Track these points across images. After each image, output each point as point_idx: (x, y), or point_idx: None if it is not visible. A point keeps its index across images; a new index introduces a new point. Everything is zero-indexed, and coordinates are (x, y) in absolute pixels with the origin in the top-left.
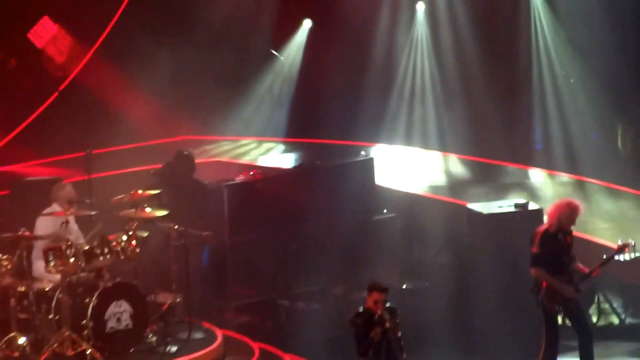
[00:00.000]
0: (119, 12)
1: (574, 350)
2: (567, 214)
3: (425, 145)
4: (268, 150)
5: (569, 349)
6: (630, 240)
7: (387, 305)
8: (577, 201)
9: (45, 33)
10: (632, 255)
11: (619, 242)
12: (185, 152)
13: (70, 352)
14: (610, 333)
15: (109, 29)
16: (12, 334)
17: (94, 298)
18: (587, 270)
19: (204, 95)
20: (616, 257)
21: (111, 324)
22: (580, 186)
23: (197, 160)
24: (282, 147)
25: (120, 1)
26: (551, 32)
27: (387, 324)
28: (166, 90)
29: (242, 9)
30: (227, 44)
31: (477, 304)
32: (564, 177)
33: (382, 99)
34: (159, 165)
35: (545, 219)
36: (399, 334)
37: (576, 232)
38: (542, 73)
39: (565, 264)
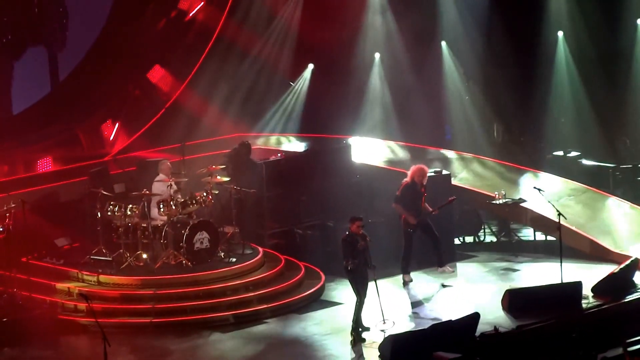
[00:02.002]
0: (200, 62)
1: (473, 258)
2: (418, 173)
3: (382, 136)
4: (289, 141)
5: (465, 257)
6: (502, 191)
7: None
8: (425, 166)
9: (157, 74)
10: (503, 201)
11: (495, 193)
12: (246, 142)
13: (173, 262)
14: (491, 246)
15: (194, 71)
16: (138, 252)
17: (186, 230)
18: (431, 209)
19: (251, 109)
20: (496, 202)
21: (197, 245)
22: (471, 160)
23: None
24: (297, 139)
25: (201, 54)
26: (455, 67)
27: (368, 239)
28: (229, 106)
29: (274, 59)
30: (263, 76)
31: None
32: (464, 154)
33: (354, 110)
34: (227, 151)
35: (409, 176)
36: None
37: (468, 185)
38: (451, 92)
39: (417, 205)
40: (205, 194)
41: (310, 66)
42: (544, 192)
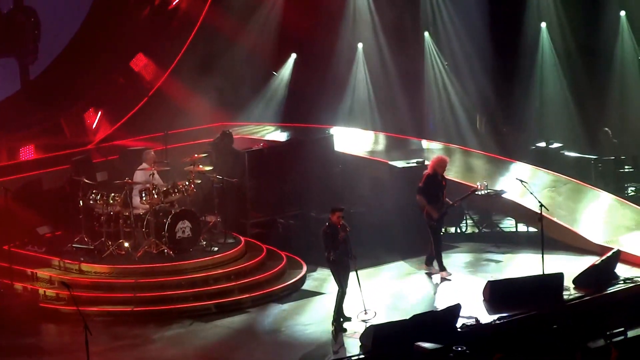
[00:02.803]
0: (183, 50)
1: (455, 248)
2: (439, 163)
3: (365, 126)
4: (271, 131)
5: (447, 247)
6: (484, 182)
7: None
8: (445, 157)
9: (140, 63)
10: (485, 192)
11: (477, 184)
12: (228, 131)
13: (154, 251)
14: (473, 237)
15: (176, 60)
16: (120, 240)
17: (168, 219)
18: (451, 202)
19: (234, 98)
20: (478, 193)
21: (179, 234)
22: (454, 151)
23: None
24: (279, 128)
25: (183, 43)
26: (438, 58)
27: (348, 229)
28: (212, 95)
29: (257, 48)
30: (246, 65)
31: (392, 220)
32: (447, 145)
33: (337, 100)
34: (209, 140)
35: (430, 167)
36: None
37: (454, 178)
38: (437, 83)
39: (439, 196)
40: (187, 182)
41: (293, 56)
42: (526, 184)
